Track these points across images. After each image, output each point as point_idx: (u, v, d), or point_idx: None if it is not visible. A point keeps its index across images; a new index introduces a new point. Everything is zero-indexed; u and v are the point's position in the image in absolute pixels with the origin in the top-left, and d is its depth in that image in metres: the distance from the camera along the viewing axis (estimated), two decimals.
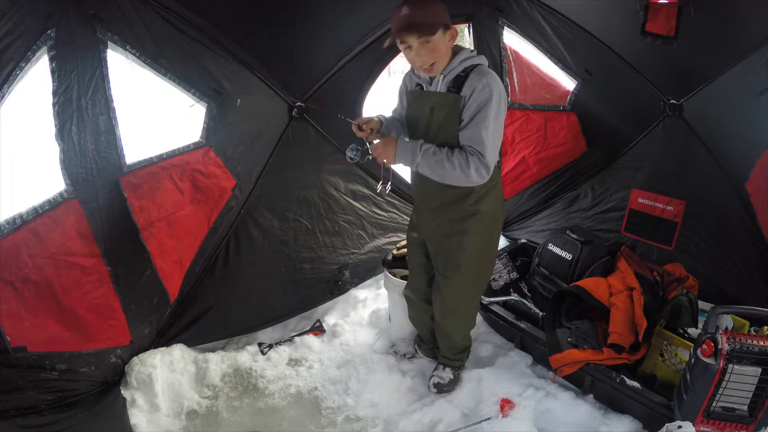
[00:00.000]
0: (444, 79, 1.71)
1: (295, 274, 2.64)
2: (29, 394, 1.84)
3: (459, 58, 1.69)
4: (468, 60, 1.69)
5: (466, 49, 1.74)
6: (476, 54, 1.73)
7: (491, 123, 1.63)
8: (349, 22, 2.41)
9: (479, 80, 1.63)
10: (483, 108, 1.62)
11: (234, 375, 2.31)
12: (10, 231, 1.66)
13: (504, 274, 2.71)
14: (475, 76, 1.65)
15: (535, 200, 3.23)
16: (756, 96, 2.12)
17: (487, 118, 1.62)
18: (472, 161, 1.63)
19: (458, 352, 2.17)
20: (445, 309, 2.03)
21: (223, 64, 2.16)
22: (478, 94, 1.62)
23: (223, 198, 2.33)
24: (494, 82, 1.64)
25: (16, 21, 1.54)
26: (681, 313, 2.06)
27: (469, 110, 1.65)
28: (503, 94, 1.66)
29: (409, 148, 1.69)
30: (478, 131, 1.63)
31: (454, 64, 1.69)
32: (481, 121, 1.62)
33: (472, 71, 1.67)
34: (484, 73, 1.66)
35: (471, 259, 1.90)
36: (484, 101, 1.62)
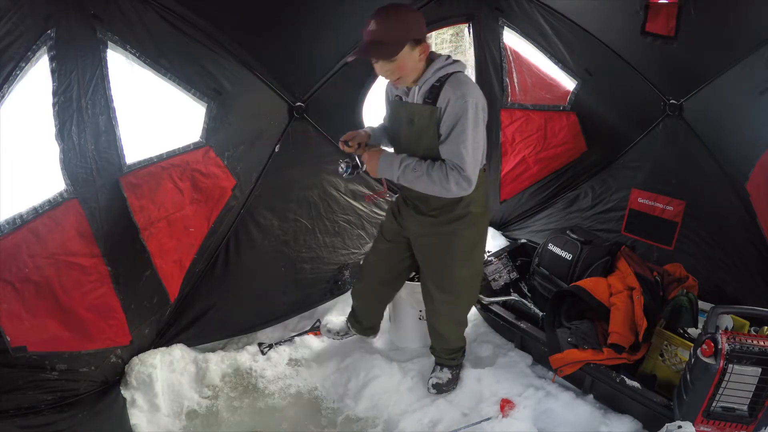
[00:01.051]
0: (420, 91, 1.69)
1: (295, 274, 2.64)
2: (29, 394, 1.84)
3: (433, 67, 1.66)
4: (443, 69, 1.66)
5: (442, 56, 1.70)
6: (452, 60, 1.69)
7: (469, 135, 1.61)
8: (349, 22, 2.40)
9: (453, 91, 1.60)
10: (460, 120, 1.59)
11: (234, 375, 2.31)
12: (10, 231, 1.66)
13: (504, 274, 2.71)
14: (450, 87, 1.62)
15: (535, 200, 3.23)
16: (756, 96, 2.12)
17: (465, 131, 1.60)
18: (452, 176, 1.62)
19: (453, 353, 2.18)
20: (436, 312, 2.05)
21: (223, 64, 2.16)
22: (453, 106, 1.60)
23: (223, 198, 2.33)
24: (470, 92, 1.61)
25: (16, 21, 1.53)
26: (681, 313, 2.05)
27: (445, 123, 1.63)
28: (481, 102, 1.64)
29: (390, 163, 1.72)
30: (456, 146, 1.61)
31: (428, 75, 1.66)
32: (459, 135, 1.60)
33: (447, 81, 1.64)
34: (459, 83, 1.63)
35: (460, 262, 1.90)
36: (460, 113, 1.59)
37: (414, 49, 1.60)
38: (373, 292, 2.25)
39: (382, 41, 1.56)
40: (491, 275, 2.66)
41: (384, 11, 1.58)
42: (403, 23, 1.57)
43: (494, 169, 3.17)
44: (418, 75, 1.68)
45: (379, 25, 1.56)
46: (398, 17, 1.57)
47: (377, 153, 1.77)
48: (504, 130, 3.03)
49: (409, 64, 1.62)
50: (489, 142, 3.02)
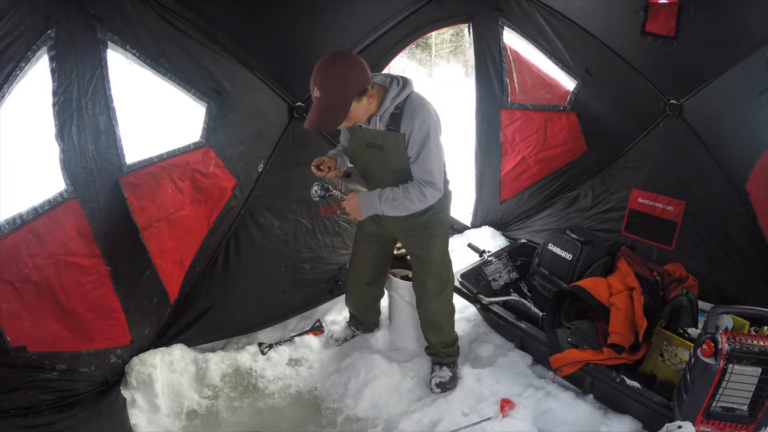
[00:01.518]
0: (381, 119, 1.80)
1: (295, 274, 2.64)
2: (29, 394, 1.84)
3: (389, 98, 1.77)
4: (398, 96, 1.77)
5: (392, 82, 1.79)
6: (402, 84, 1.79)
7: (434, 153, 1.79)
8: (348, 22, 2.41)
9: (414, 119, 1.75)
10: (425, 144, 1.76)
11: (234, 375, 2.31)
12: (10, 231, 1.66)
13: (504, 274, 2.71)
14: (408, 115, 1.76)
15: (535, 200, 3.23)
16: (756, 96, 2.12)
17: (430, 152, 1.78)
18: (427, 192, 1.82)
19: (448, 346, 2.22)
20: (431, 301, 2.14)
21: (223, 64, 2.16)
22: (417, 133, 1.75)
23: (223, 198, 2.33)
24: (427, 115, 1.76)
25: (16, 21, 1.54)
26: (681, 313, 2.05)
27: (413, 148, 1.78)
28: (436, 120, 1.79)
29: (371, 202, 1.86)
30: (425, 166, 1.80)
31: (386, 105, 1.77)
32: (426, 156, 1.78)
33: (404, 107, 1.77)
34: (416, 109, 1.76)
35: (440, 246, 2.10)
36: (424, 138, 1.76)
37: (361, 100, 1.69)
38: (365, 293, 2.38)
39: (329, 105, 1.65)
40: (491, 275, 2.66)
41: (323, 73, 1.63)
42: (344, 82, 1.64)
43: (494, 169, 3.17)
44: (373, 111, 1.79)
45: (322, 92, 1.63)
46: (337, 78, 1.63)
47: (354, 198, 1.89)
48: (504, 130, 3.03)
49: (360, 112, 1.73)
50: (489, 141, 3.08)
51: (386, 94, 1.78)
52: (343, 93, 1.64)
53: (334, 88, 1.63)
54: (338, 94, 1.64)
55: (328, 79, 1.62)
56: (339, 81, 1.63)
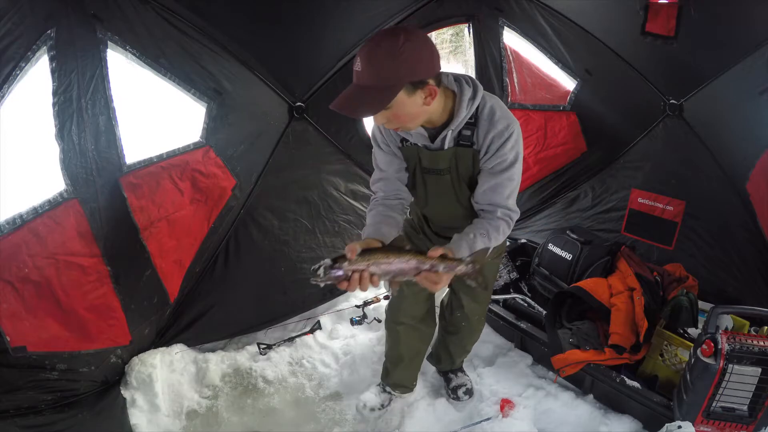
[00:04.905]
0: (452, 134, 1.41)
1: (295, 274, 2.64)
2: (29, 394, 1.84)
3: (464, 103, 1.37)
4: (473, 102, 1.38)
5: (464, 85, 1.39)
6: (473, 83, 1.41)
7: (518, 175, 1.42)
8: (349, 21, 2.41)
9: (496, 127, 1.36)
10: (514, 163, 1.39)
11: (234, 375, 2.30)
12: (10, 231, 1.66)
13: (504, 274, 2.71)
14: (488, 122, 1.38)
15: (535, 200, 3.23)
16: (756, 96, 2.12)
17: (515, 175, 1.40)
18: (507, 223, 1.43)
19: None
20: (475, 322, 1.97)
21: (223, 64, 2.16)
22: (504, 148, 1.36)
23: (223, 198, 2.33)
24: (514, 123, 1.38)
25: (16, 21, 1.53)
26: (681, 313, 2.06)
27: (494, 164, 1.39)
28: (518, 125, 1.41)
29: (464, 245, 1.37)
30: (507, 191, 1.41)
31: (462, 114, 1.37)
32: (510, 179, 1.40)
33: (480, 113, 1.39)
34: (500, 115, 1.37)
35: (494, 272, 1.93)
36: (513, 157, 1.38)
37: (413, 94, 1.25)
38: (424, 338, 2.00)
39: (369, 87, 1.23)
40: None
41: (373, 45, 1.22)
42: (395, 62, 1.20)
43: None
44: (431, 118, 1.38)
45: (364, 64, 1.22)
46: (390, 54, 1.19)
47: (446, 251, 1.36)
48: None
49: (409, 111, 1.29)
50: None
51: (459, 99, 1.36)
52: (393, 73, 1.20)
53: (381, 62, 1.20)
54: (385, 73, 1.20)
55: (378, 49, 1.20)
56: (391, 56, 1.19)
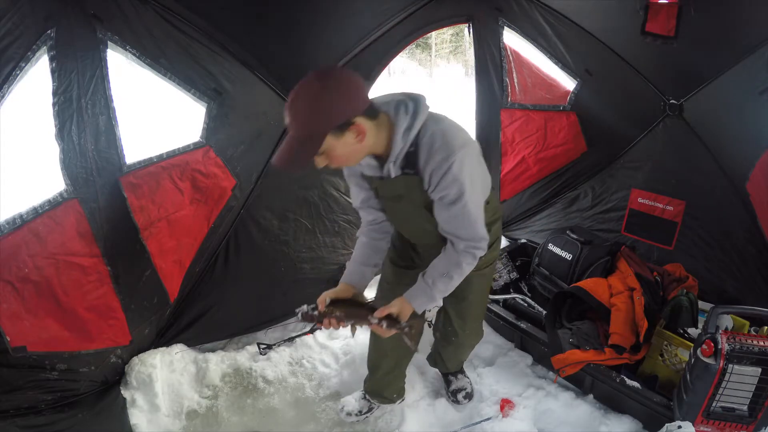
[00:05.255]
0: (395, 165, 1.36)
1: (295, 274, 2.64)
2: (29, 394, 1.84)
3: (399, 134, 1.31)
4: (411, 130, 1.31)
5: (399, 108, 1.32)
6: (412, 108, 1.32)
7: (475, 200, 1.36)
8: (349, 21, 2.41)
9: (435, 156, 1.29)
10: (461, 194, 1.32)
11: (234, 375, 2.31)
12: (10, 231, 1.66)
13: (504, 274, 2.71)
14: (427, 150, 1.31)
15: (535, 200, 3.23)
16: (756, 96, 2.12)
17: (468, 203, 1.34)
18: (478, 252, 1.42)
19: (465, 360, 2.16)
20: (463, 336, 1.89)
21: (223, 64, 2.16)
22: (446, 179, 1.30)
23: (223, 198, 2.33)
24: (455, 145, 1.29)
25: (16, 21, 1.53)
26: (681, 313, 2.06)
27: (441, 197, 1.35)
28: (468, 150, 1.32)
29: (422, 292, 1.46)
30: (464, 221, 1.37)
31: (398, 146, 1.31)
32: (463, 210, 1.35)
33: (420, 140, 1.32)
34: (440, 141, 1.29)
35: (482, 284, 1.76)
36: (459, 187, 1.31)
37: (342, 136, 1.23)
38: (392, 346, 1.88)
39: (297, 138, 1.22)
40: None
41: (293, 95, 1.22)
42: (314, 111, 1.20)
43: (494, 169, 3.17)
44: (375, 149, 1.34)
45: (288, 116, 1.22)
46: (308, 104, 1.20)
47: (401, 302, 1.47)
48: (504, 130, 3.03)
49: (343, 153, 1.27)
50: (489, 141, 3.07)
51: (394, 129, 1.31)
52: (314, 123, 1.20)
53: (302, 113, 1.21)
54: (307, 123, 1.21)
55: (297, 100, 1.21)
56: (309, 106, 1.20)
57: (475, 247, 1.42)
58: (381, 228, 1.62)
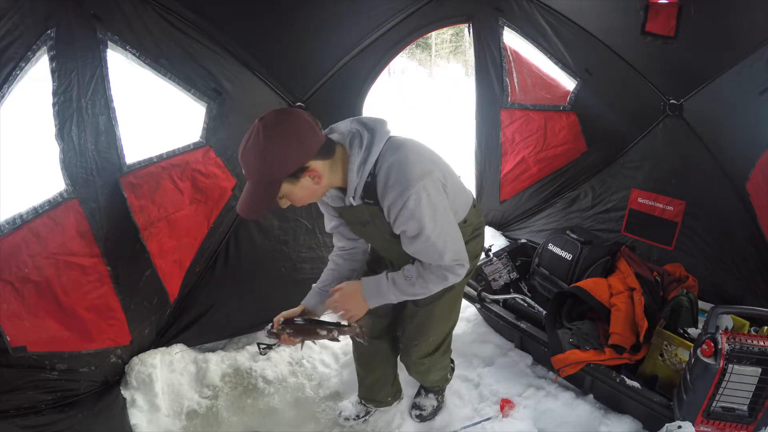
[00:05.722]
0: (355, 197, 1.35)
1: (295, 274, 2.64)
2: (29, 394, 1.84)
3: (353, 171, 1.29)
4: (366, 164, 1.29)
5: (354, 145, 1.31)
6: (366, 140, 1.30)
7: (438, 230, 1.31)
8: (349, 21, 2.41)
9: (390, 192, 1.27)
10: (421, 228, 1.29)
11: (234, 375, 2.31)
12: (10, 231, 1.66)
13: (504, 274, 2.71)
14: (383, 185, 1.29)
15: (535, 200, 3.23)
16: (756, 96, 2.12)
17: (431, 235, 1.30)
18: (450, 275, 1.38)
19: (445, 380, 2.06)
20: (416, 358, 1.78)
21: (223, 64, 2.16)
22: (403, 214, 1.27)
23: (223, 198, 2.33)
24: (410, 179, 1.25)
25: (16, 21, 1.54)
26: (681, 313, 2.06)
27: (403, 231, 1.33)
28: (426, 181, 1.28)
29: (377, 284, 1.42)
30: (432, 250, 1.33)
31: (353, 182, 1.31)
32: (426, 242, 1.31)
33: (378, 172, 1.29)
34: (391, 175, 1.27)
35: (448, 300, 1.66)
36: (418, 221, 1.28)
37: (298, 181, 1.25)
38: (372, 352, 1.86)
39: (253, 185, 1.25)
40: (491, 275, 2.66)
41: (243, 145, 1.23)
42: (265, 163, 1.20)
43: (494, 169, 3.17)
44: (334, 183, 1.34)
45: (242, 165, 1.24)
46: (257, 155, 1.20)
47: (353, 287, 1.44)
48: (504, 130, 3.03)
49: (303, 194, 1.29)
50: (489, 141, 3.07)
51: (349, 164, 1.29)
52: (267, 173, 1.21)
53: (253, 164, 1.22)
54: (260, 173, 1.22)
55: (247, 151, 1.22)
56: (259, 158, 1.20)
57: (449, 271, 1.38)
58: (350, 255, 1.65)
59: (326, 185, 1.33)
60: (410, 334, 1.69)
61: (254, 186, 1.25)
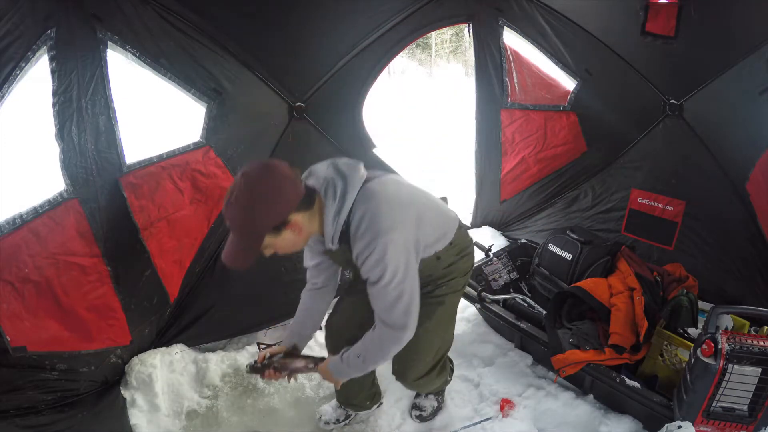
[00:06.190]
0: (333, 243, 1.40)
1: (295, 274, 2.63)
2: (29, 394, 1.84)
3: (328, 221, 1.35)
4: (340, 214, 1.34)
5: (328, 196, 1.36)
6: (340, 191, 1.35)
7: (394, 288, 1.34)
8: (349, 21, 2.41)
9: (359, 241, 1.32)
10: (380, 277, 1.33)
11: (234, 375, 2.31)
12: (10, 231, 1.66)
13: (504, 274, 2.72)
14: (354, 234, 1.34)
15: (535, 200, 3.23)
16: (756, 96, 2.12)
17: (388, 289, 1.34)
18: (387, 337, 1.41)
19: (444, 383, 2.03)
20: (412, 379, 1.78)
21: (223, 64, 2.16)
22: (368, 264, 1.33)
23: (223, 198, 2.33)
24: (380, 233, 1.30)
25: (16, 21, 1.54)
26: (681, 313, 2.06)
27: (364, 275, 1.38)
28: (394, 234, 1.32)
29: (336, 363, 1.52)
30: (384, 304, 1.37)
31: (328, 232, 1.37)
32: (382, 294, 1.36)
33: (352, 221, 1.34)
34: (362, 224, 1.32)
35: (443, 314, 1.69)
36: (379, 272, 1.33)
37: (279, 234, 1.30)
38: None
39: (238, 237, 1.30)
40: (491, 275, 2.66)
41: (227, 196, 1.27)
42: (248, 217, 1.25)
43: (494, 169, 3.17)
44: (311, 234, 1.41)
45: (228, 221, 1.29)
46: (242, 210, 1.25)
47: (325, 365, 1.57)
48: (504, 130, 3.03)
49: (285, 245, 1.35)
50: (489, 141, 3.07)
51: (324, 216, 1.36)
52: (250, 226, 1.27)
53: (237, 221, 1.27)
54: (244, 229, 1.28)
55: (231, 208, 1.26)
56: (242, 214, 1.26)
57: (387, 334, 1.40)
58: (321, 296, 1.71)
59: (307, 235, 1.39)
60: (404, 357, 1.64)
61: (238, 238, 1.30)
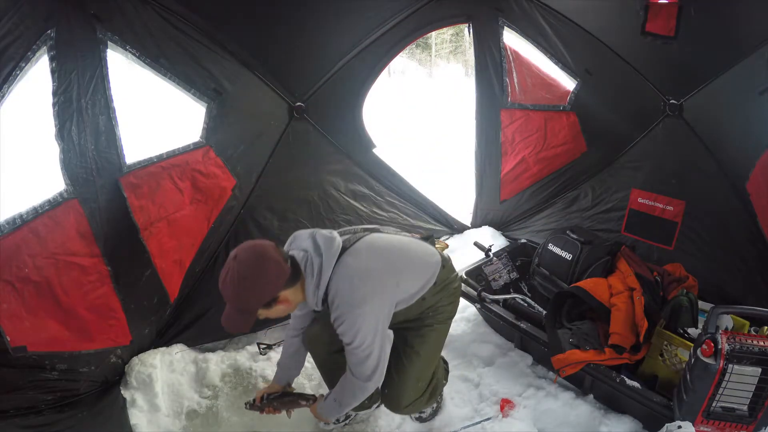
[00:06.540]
0: (317, 306, 1.54)
1: None
2: (29, 394, 1.84)
3: (309, 294, 1.50)
4: (319, 288, 1.48)
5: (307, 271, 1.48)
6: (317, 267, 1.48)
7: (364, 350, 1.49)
8: (349, 21, 2.41)
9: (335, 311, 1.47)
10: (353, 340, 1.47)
11: (234, 375, 2.30)
12: (10, 231, 1.67)
13: (504, 274, 2.72)
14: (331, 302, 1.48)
15: (535, 200, 3.23)
16: (756, 96, 2.12)
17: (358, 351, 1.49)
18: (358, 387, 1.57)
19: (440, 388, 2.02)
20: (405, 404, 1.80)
21: (223, 64, 2.16)
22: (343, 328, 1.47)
23: (223, 198, 2.34)
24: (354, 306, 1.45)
25: (16, 21, 1.54)
26: (681, 313, 2.06)
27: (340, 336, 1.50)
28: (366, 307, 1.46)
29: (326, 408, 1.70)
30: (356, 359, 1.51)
31: (311, 300, 1.51)
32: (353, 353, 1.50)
33: (330, 291, 1.49)
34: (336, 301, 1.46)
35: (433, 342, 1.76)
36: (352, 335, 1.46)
37: (271, 308, 1.45)
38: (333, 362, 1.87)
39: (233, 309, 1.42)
40: (491, 275, 2.66)
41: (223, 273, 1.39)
42: (242, 296, 1.39)
43: (494, 169, 3.17)
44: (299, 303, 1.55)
45: (224, 296, 1.41)
46: (235, 289, 1.38)
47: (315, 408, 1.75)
48: (504, 130, 3.03)
49: (277, 315, 1.50)
50: (489, 141, 3.07)
51: (306, 290, 1.50)
52: (244, 303, 1.41)
53: (232, 298, 1.40)
54: (238, 305, 1.41)
55: (226, 287, 1.38)
56: (235, 293, 1.39)
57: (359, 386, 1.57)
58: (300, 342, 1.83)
59: (295, 304, 1.54)
60: (394, 383, 1.73)
61: (234, 312, 1.43)
